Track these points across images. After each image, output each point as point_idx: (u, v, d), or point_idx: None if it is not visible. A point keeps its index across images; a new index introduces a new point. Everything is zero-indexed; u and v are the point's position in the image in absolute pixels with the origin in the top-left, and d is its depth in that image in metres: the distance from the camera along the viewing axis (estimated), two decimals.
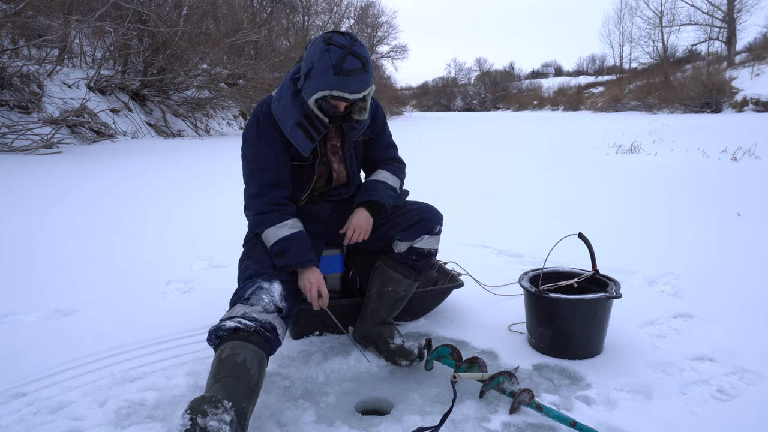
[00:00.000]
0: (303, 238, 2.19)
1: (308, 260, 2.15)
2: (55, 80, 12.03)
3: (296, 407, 2.00)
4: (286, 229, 2.18)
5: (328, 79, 2.02)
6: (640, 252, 3.78)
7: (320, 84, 2.04)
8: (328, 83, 2.02)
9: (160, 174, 7.84)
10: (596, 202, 5.67)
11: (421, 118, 38.05)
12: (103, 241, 4.21)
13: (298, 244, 2.16)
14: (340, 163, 2.36)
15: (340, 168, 2.36)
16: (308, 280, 2.14)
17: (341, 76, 2.01)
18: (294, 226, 2.21)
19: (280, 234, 2.17)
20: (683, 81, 34.22)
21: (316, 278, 2.15)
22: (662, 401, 1.99)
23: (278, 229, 2.18)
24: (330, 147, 2.32)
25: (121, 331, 2.61)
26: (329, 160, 2.33)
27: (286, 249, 2.15)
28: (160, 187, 6.81)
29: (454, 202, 5.57)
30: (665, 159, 9.10)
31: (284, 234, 2.17)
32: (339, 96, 2.05)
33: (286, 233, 2.17)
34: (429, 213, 2.38)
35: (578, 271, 2.53)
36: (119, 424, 1.91)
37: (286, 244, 2.16)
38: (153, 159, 9.54)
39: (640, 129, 16.43)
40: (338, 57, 2.00)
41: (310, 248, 2.19)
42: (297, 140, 2.18)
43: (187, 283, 3.34)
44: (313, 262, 2.16)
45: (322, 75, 2.02)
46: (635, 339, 2.47)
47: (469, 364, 2.12)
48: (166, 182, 7.17)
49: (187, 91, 15.88)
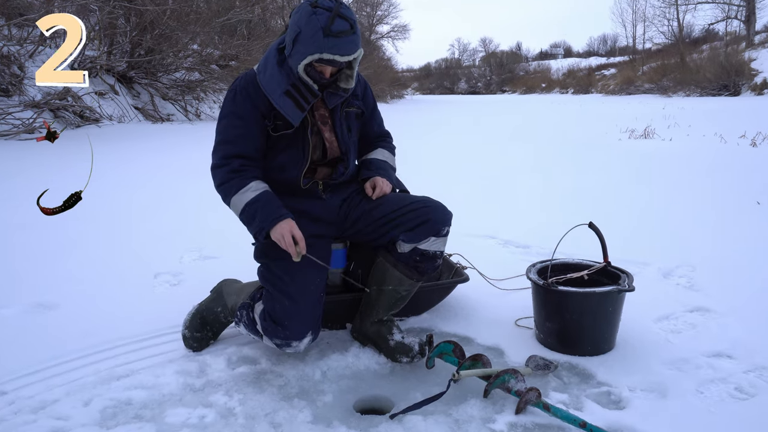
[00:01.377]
0: (269, 198, 2.20)
1: (278, 216, 2.15)
2: (37, 61, 11.96)
3: (291, 407, 1.99)
4: (249, 194, 2.19)
5: (317, 41, 2.02)
6: (654, 243, 3.77)
7: (309, 48, 2.04)
8: (318, 46, 2.03)
9: (148, 160, 7.81)
10: (608, 190, 5.66)
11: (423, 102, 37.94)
12: (88, 230, 4.20)
13: (265, 204, 2.17)
14: (331, 133, 2.34)
15: (332, 138, 2.35)
16: (279, 232, 2.13)
17: (331, 38, 2.02)
18: (257, 188, 2.21)
19: (244, 199, 2.18)
20: (700, 62, 34.11)
21: (288, 225, 2.14)
22: (677, 400, 1.98)
23: (242, 195, 2.19)
24: (319, 117, 2.31)
25: (106, 327, 2.60)
26: (320, 130, 2.31)
27: (254, 213, 2.16)
28: (148, 174, 6.79)
29: (457, 190, 5.55)
30: (681, 145, 9.07)
31: (248, 198, 2.18)
32: (329, 59, 2.06)
33: (250, 197, 2.18)
34: (437, 213, 2.32)
35: (589, 263, 2.52)
36: (105, 424, 1.91)
37: (253, 207, 2.17)
38: (141, 144, 9.51)
39: (654, 113, 16.39)
40: (326, 19, 2.01)
41: (279, 205, 2.19)
42: (286, 110, 2.19)
43: (176, 275, 3.33)
44: (285, 215, 2.16)
45: (312, 38, 2.03)
46: (649, 334, 2.46)
47: (472, 362, 2.11)
48: (154, 169, 7.15)
49: (176, 73, 15.79)
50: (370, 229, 2.36)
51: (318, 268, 2.23)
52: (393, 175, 2.51)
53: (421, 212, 2.30)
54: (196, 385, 2.14)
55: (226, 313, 2.44)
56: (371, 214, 2.35)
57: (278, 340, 2.14)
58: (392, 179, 2.47)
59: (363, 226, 2.37)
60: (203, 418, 1.94)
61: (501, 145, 9.92)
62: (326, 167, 2.38)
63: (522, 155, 8.41)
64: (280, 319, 2.13)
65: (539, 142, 10.02)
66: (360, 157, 2.54)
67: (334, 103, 2.30)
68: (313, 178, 2.35)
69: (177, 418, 1.94)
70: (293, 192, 2.33)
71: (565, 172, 6.79)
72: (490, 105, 28.53)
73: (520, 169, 7.17)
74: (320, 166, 2.37)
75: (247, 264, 2.57)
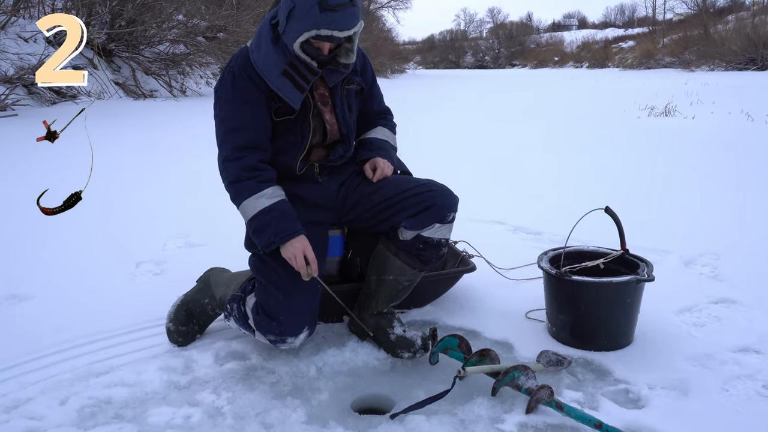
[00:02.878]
0: (285, 209, 2.16)
1: (292, 232, 2.12)
2: (9, 33, 11.89)
3: (284, 406, 1.99)
4: (264, 200, 2.15)
5: (314, 17, 1.97)
6: (676, 229, 3.76)
7: (305, 24, 2.00)
8: (315, 21, 1.98)
9: (130, 139, 7.78)
10: (625, 172, 5.64)
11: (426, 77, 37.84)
12: (64, 216, 4.15)
13: (280, 216, 2.13)
14: (331, 114, 2.31)
15: (332, 120, 2.31)
16: (292, 252, 2.11)
17: (328, 12, 1.97)
18: (273, 195, 2.17)
19: (258, 206, 2.14)
20: (725, 34, 33.95)
21: (301, 245, 2.12)
22: (701, 399, 1.97)
23: (256, 201, 2.15)
24: (319, 97, 2.27)
25: (84, 320, 2.59)
26: (320, 111, 2.28)
27: (266, 224, 2.13)
28: (129, 154, 6.76)
29: (463, 172, 5.53)
30: (704, 123, 9.04)
31: (263, 206, 2.14)
32: (327, 35, 2.01)
33: (264, 205, 2.14)
34: (442, 197, 2.30)
35: (605, 251, 2.51)
36: (82, 424, 1.91)
37: (267, 217, 2.13)
38: (121, 122, 9.46)
39: (675, 88, 16.32)
40: None
41: (295, 218, 2.16)
42: (285, 92, 2.15)
43: (159, 264, 3.32)
44: (299, 231, 2.14)
45: (307, 13, 1.98)
46: (670, 328, 2.46)
47: (479, 357, 2.11)
48: (136, 149, 7.12)
49: (160, 45, 15.71)
50: (369, 215, 2.34)
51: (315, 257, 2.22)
52: (394, 155, 2.48)
53: (425, 196, 2.28)
54: (181, 383, 2.14)
55: (213, 305, 2.42)
56: (371, 199, 2.33)
57: (272, 336, 2.13)
58: (393, 160, 2.44)
59: (362, 211, 2.35)
60: (189, 418, 1.94)
61: (510, 123, 9.89)
62: (323, 149, 2.36)
63: (533, 134, 8.38)
64: (275, 314, 2.11)
65: (551, 120, 9.99)
66: (358, 136, 2.51)
67: (334, 81, 2.26)
68: (309, 161, 2.33)
69: (160, 418, 1.93)
70: (288, 175, 2.31)
71: (580, 153, 6.77)
72: (499, 80, 28.47)
73: (531, 149, 7.15)
74: (316, 148, 2.34)
75: (236, 252, 2.55)
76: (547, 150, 7.06)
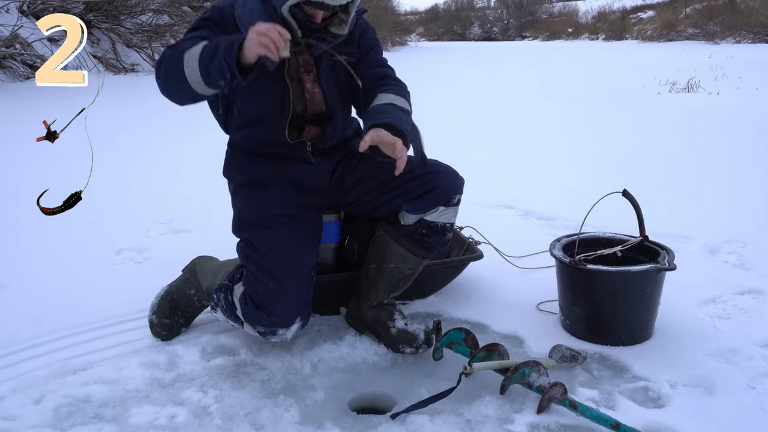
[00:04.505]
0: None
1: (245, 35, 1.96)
2: None
3: (276, 405, 1.99)
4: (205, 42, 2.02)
5: None
6: (699, 214, 3.76)
7: None
8: None
9: (110, 117, 7.74)
10: (645, 152, 5.63)
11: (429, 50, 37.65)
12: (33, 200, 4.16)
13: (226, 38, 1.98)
14: (314, 84, 2.27)
15: (315, 89, 2.27)
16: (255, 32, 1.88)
17: None
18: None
19: (200, 46, 2.00)
20: (752, 3, 33.75)
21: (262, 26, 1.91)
22: (726, 397, 1.97)
23: (196, 47, 2.00)
24: (302, 62, 2.24)
25: (61, 312, 2.58)
26: (301, 79, 2.25)
27: (215, 46, 1.95)
28: (108, 133, 6.72)
29: (469, 154, 5.51)
30: (730, 99, 9.00)
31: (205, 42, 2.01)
32: (319, 2, 2.00)
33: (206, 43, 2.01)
34: (446, 178, 2.29)
35: (622, 237, 2.51)
36: (58, 425, 1.90)
37: (213, 43, 1.97)
38: (100, 99, 9.41)
39: (699, 62, 16.25)
40: None
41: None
42: None
43: (142, 252, 3.32)
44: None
45: None
46: (693, 320, 2.46)
47: (487, 352, 2.10)
48: (116, 128, 7.09)
49: (142, 15, 15.62)
50: (368, 198, 2.33)
51: (307, 244, 2.20)
52: (399, 115, 2.17)
53: (427, 178, 2.26)
54: (166, 380, 2.13)
55: (200, 296, 2.42)
56: (369, 181, 2.31)
57: (262, 328, 2.12)
58: (395, 119, 2.12)
59: (360, 194, 2.34)
60: (173, 418, 1.93)
61: (521, 100, 9.85)
62: (315, 126, 2.33)
63: (545, 112, 8.34)
64: (264, 303, 2.10)
65: (565, 97, 9.95)
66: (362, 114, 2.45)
67: (320, 50, 2.22)
68: (301, 137, 2.30)
69: (143, 417, 1.93)
70: (275, 154, 2.29)
71: (595, 132, 6.75)
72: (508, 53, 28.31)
73: (544, 127, 7.13)
74: (308, 125, 2.31)
75: (224, 239, 2.54)
76: (560, 129, 7.04)
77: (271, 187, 2.29)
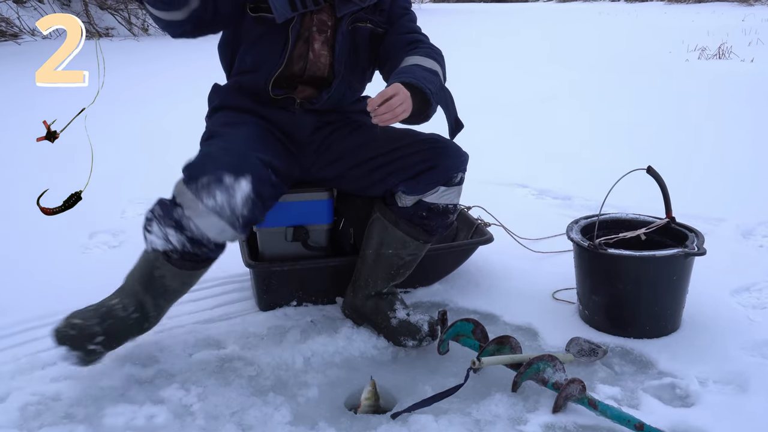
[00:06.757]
0: None
1: None
2: None
3: (265, 403, 1.99)
4: None
5: None
6: (731, 193, 3.77)
7: None
8: None
9: (81, 87, 7.73)
10: (671, 125, 5.64)
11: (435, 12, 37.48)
12: (3, 179, 4.17)
13: None
14: (323, 45, 2.29)
15: (322, 51, 2.29)
16: None
17: None
18: None
19: None
20: None
21: None
22: (761, 395, 1.97)
23: None
24: (317, 22, 2.26)
25: (28, 301, 2.58)
26: (311, 38, 2.26)
27: None
28: (80, 104, 6.71)
29: (478, 127, 5.48)
30: (765, 67, 8.97)
31: None
32: None
33: None
34: (446, 155, 2.28)
35: (647, 219, 2.51)
36: (25, 425, 1.90)
37: None
38: (71, 66, 9.40)
39: (731, 26, 16.18)
40: None
41: None
42: (275, 1, 2.13)
43: (117, 234, 3.32)
44: None
45: None
46: (724, 311, 2.46)
47: (497, 346, 2.10)
48: (89, 98, 7.06)
49: None
50: (357, 174, 2.33)
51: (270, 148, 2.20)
52: (424, 75, 2.14)
53: (426, 154, 2.26)
54: (143, 376, 2.13)
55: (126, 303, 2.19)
56: (360, 153, 2.31)
57: (205, 178, 1.97)
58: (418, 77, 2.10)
59: (347, 167, 2.34)
60: (152, 418, 1.93)
61: (535, 67, 9.83)
62: (311, 87, 2.34)
63: (562, 81, 8.33)
64: (208, 154, 2.08)
65: (584, 65, 9.93)
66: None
67: (343, 12, 2.24)
68: (290, 94, 2.32)
69: (118, 418, 1.92)
70: (260, 100, 2.32)
71: (616, 103, 6.75)
72: (521, 16, 28.18)
73: (560, 99, 7.12)
74: (302, 85, 2.33)
75: None
76: (578, 100, 7.04)
77: (246, 116, 2.32)
